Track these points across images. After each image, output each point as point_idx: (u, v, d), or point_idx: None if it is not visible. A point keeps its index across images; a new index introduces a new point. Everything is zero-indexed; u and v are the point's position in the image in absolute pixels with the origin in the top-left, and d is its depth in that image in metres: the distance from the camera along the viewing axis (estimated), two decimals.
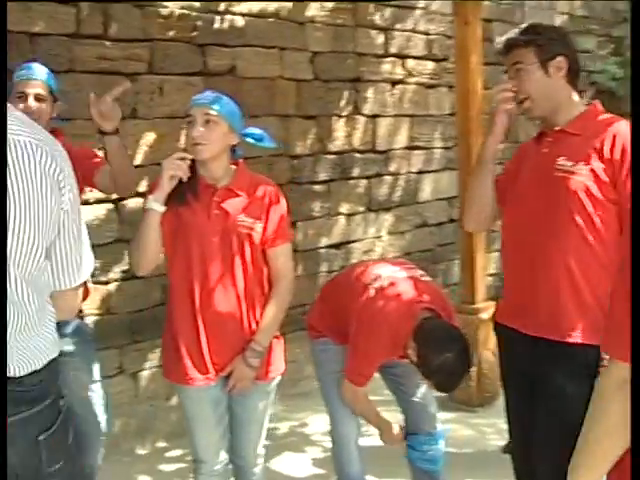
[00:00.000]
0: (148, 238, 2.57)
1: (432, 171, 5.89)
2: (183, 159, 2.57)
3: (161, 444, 4.20)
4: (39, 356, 1.69)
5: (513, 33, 2.49)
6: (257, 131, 2.73)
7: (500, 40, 2.54)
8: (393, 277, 2.84)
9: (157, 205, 2.56)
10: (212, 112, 2.59)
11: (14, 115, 1.62)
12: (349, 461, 2.98)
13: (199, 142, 2.57)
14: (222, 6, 4.49)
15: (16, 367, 1.63)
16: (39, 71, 2.91)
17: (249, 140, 2.72)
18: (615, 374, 1.32)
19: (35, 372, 1.67)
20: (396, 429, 3.00)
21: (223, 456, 2.72)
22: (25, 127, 1.61)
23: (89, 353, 2.91)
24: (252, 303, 2.61)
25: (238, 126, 2.65)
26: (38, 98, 2.85)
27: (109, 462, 3.02)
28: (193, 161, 2.63)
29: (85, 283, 1.87)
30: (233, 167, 2.69)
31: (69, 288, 1.76)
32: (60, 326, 1.78)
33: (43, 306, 1.71)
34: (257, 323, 2.62)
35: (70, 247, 1.72)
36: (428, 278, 2.98)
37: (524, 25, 2.50)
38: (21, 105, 2.79)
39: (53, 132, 2.87)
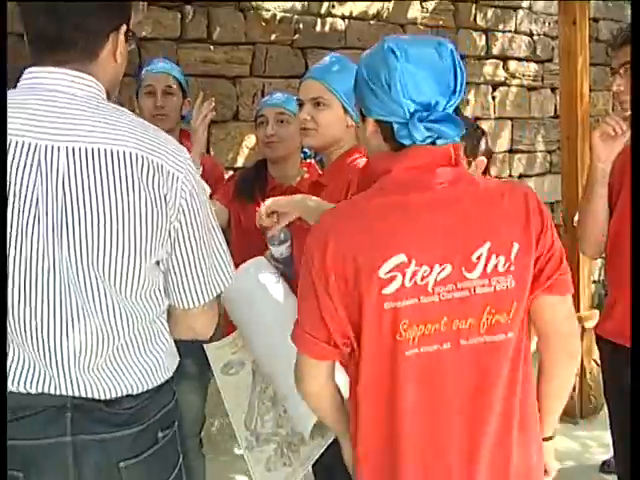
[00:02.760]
0: None
1: (534, 175, 5.75)
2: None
3: None
4: (135, 381, 1.58)
5: (626, 30, 2.35)
6: None
7: (614, 34, 2.43)
8: None
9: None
10: (286, 111, 2.63)
11: (127, 119, 1.51)
12: None
13: (272, 140, 2.60)
14: (323, 9, 4.49)
15: (104, 389, 1.55)
16: (168, 65, 2.90)
17: None
18: None
19: (129, 396, 1.57)
20: None
21: None
22: (132, 135, 1.48)
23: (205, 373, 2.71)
24: None
25: None
26: (167, 92, 2.80)
27: (206, 461, 3.04)
28: (264, 160, 2.66)
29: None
30: (304, 169, 2.70)
31: (194, 307, 1.62)
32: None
33: (143, 329, 1.59)
34: None
35: (189, 264, 1.57)
36: None
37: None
38: (149, 102, 2.77)
39: (182, 134, 2.85)
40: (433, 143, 1.54)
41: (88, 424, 1.54)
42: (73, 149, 1.44)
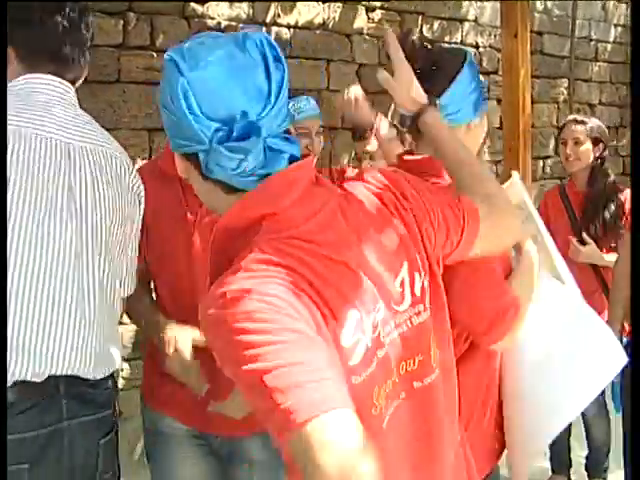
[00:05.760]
0: None
1: None
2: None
3: None
4: (111, 362, 1.75)
5: None
6: None
7: None
8: None
9: None
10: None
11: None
12: None
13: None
14: (269, 18, 4.50)
15: (94, 369, 1.69)
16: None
17: None
18: None
19: (106, 378, 1.73)
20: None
21: None
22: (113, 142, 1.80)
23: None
24: None
25: None
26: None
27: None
28: None
29: None
30: None
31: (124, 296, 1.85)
32: None
33: (117, 312, 1.82)
34: None
35: (128, 257, 1.83)
36: None
37: None
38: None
39: None
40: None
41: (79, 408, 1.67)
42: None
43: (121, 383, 3.84)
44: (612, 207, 3.43)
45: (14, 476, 1.55)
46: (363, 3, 4.94)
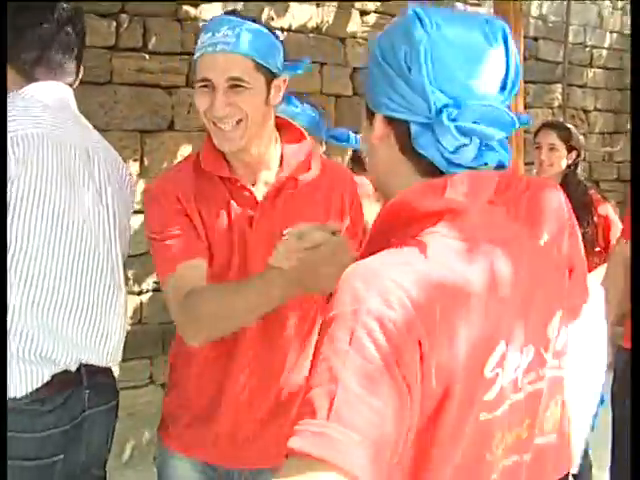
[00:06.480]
0: None
1: None
2: None
3: None
4: (119, 351, 1.85)
5: None
6: None
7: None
8: None
9: None
10: None
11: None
12: None
13: None
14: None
15: (110, 357, 1.79)
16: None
17: None
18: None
19: (110, 369, 1.83)
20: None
21: None
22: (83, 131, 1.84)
23: None
24: None
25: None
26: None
27: (137, 471, 3.02)
28: None
29: None
30: None
31: None
32: None
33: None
34: None
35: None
36: None
37: None
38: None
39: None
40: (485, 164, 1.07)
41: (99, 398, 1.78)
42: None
43: None
44: (586, 225, 3.31)
45: (49, 469, 1.63)
46: (357, 6, 4.95)
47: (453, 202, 1.03)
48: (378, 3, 5.04)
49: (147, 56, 4.02)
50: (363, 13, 5.00)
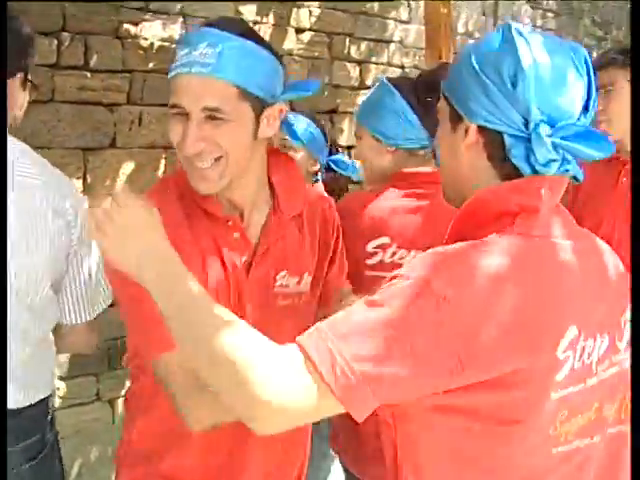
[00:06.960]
0: None
1: None
2: None
3: None
4: (37, 390, 1.72)
5: (611, 52, 2.45)
6: None
7: (598, 56, 2.45)
8: None
9: None
10: None
11: (25, 155, 1.74)
12: None
13: None
14: None
15: (18, 398, 1.65)
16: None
17: None
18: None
19: (31, 406, 1.70)
20: None
21: None
22: (35, 168, 1.73)
23: None
24: None
25: None
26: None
27: None
28: None
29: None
30: None
31: (80, 323, 1.82)
32: None
33: (46, 338, 1.76)
34: None
35: (80, 284, 1.80)
36: None
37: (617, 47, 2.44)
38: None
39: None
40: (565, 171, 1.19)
41: None
42: None
43: (57, 402, 3.83)
44: None
45: None
46: (292, 24, 5.05)
47: (532, 199, 1.16)
48: (312, 20, 5.17)
49: (88, 74, 4.03)
50: (298, 31, 5.12)
